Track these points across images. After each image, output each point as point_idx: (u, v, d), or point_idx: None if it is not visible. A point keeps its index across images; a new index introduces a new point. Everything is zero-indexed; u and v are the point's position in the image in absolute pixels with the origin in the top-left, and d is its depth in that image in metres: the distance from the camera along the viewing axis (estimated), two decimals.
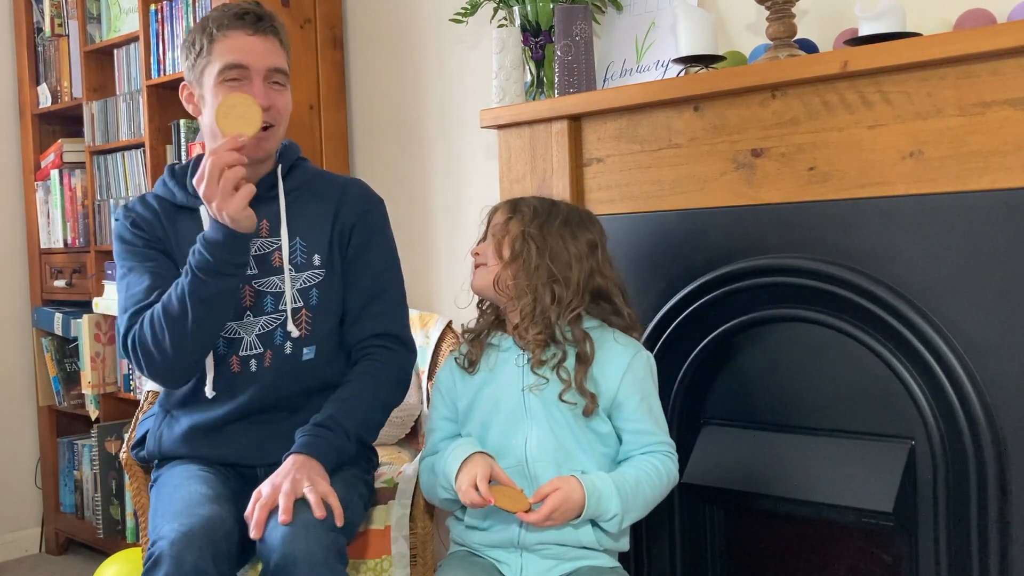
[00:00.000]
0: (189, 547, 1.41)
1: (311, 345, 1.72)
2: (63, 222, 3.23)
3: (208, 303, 1.57)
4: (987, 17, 1.59)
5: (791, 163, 1.67)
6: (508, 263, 1.60)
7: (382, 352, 1.73)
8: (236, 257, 1.56)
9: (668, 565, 1.88)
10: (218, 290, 1.56)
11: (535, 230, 1.60)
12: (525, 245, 1.59)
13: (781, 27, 1.71)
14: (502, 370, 1.61)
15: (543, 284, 1.57)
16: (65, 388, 3.30)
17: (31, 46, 3.34)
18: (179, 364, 1.62)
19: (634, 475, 1.53)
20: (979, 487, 1.50)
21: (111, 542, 3.06)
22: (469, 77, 2.53)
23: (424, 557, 1.85)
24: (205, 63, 1.66)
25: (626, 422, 1.58)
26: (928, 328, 1.52)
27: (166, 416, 1.76)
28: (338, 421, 1.62)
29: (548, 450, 1.55)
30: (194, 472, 1.64)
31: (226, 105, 1.57)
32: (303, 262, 1.72)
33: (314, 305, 1.72)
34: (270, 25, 1.68)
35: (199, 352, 1.63)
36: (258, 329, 1.70)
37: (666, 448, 1.59)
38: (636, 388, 1.57)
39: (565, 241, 1.60)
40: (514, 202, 1.67)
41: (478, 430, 1.61)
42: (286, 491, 1.48)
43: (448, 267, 2.61)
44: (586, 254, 1.61)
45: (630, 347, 1.60)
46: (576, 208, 1.68)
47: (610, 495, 1.49)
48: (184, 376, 1.68)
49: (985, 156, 1.47)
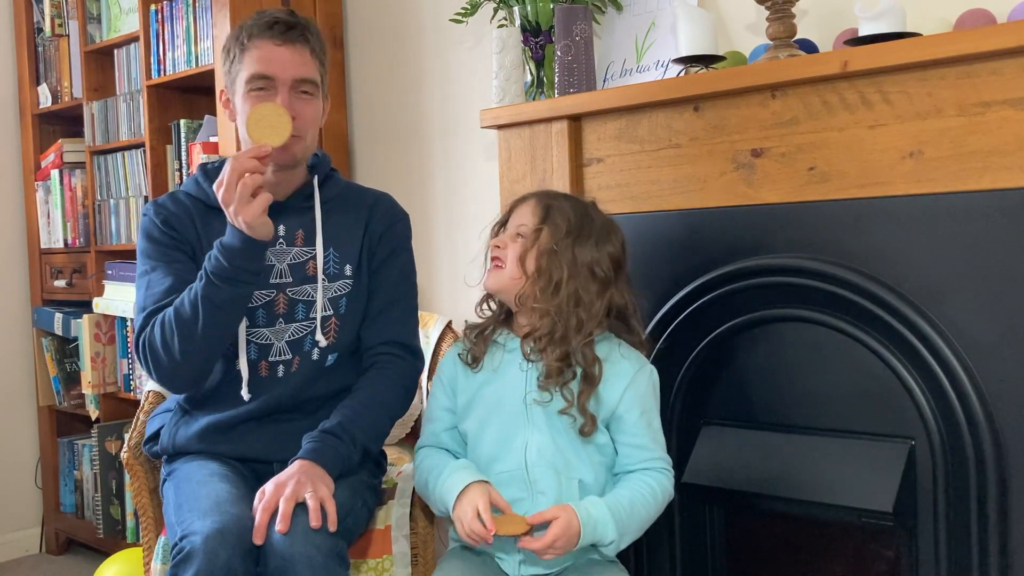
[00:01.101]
0: (223, 544, 1.42)
1: (335, 352, 1.75)
2: (63, 222, 3.23)
3: (220, 309, 1.57)
4: (987, 17, 1.59)
5: (791, 163, 1.67)
6: (534, 279, 1.56)
7: (392, 361, 1.76)
8: (251, 264, 1.57)
9: (668, 565, 1.88)
10: (231, 296, 1.57)
11: (567, 249, 1.55)
12: (555, 265, 1.54)
13: (781, 27, 1.71)
14: (506, 371, 1.60)
15: (569, 309, 1.54)
16: (65, 388, 3.30)
17: (31, 46, 3.34)
18: (185, 369, 1.63)
19: (628, 497, 1.52)
20: (979, 487, 1.50)
21: (111, 542, 3.06)
22: (469, 77, 2.53)
23: (425, 556, 1.86)
24: (237, 71, 1.68)
25: (624, 435, 1.57)
26: (928, 328, 1.52)
27: (183, 415, 1.78)
28: (346, 429, 1.64)
29: (548, 457, 1.54)
30: (214, 469, 1.65)
31: (257, 113, 1.58)
32: (336, 272, 1.75)
33: (343, 314, 1.75)
34: (300, 34, 1.67)
35: (205, 359, 1.64)
36: (288, 336, 1.72)
37: (662, 464, 1.58)
38: (637, 403, 1.57)
39: (595, 265, 1.56)
40: (546, 204, 1.60)
41: (475, 427, 1.61)
42: (287, 495, 1.50)
43: (448, 267, 2.61)
44: (612, 277, 1.58)
45: (635, 362, 1.59)
46: (604, 219, 1.63)
47: (606, 522, 1.48)
48: (188, 383, 1.69)
49: (985, 156, 1.47)
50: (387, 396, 1.73)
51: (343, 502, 1.57)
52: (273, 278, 1.72)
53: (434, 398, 1.69)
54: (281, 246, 1.73)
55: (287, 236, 1.74)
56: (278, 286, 1.72)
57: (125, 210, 2.98)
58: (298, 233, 1.74)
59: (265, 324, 1.71)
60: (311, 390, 1.74)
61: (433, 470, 1.60)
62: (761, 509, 1.80)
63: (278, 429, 1.71)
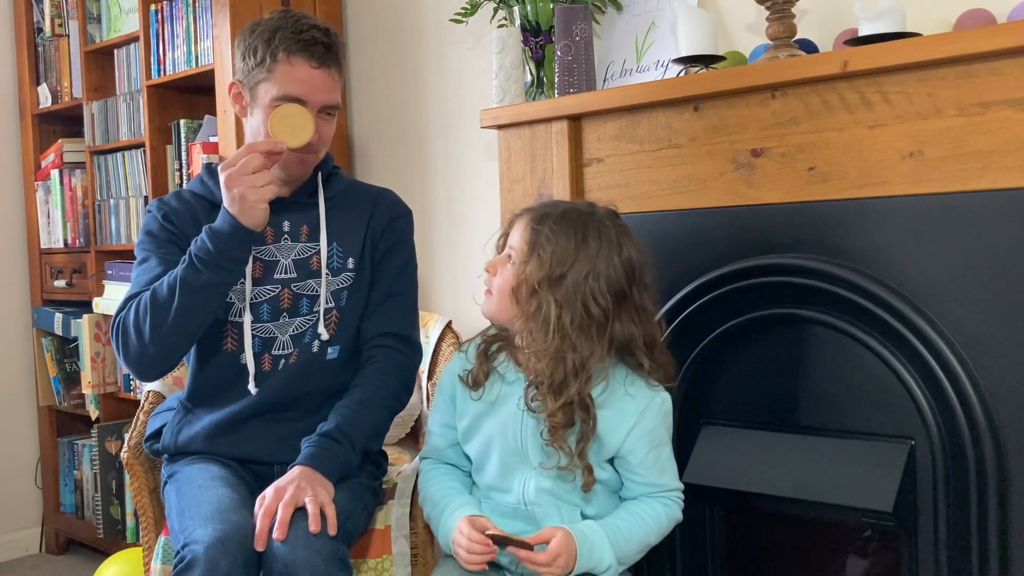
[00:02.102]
0: (224, 554, 1.43)
1: (336, 345, 1.76)
2: (63, 222, 3.23)
3: (196, 293, 1.56)
4: (987, 17, 1.59)
5: (791, 163, 1.67)
6: (528, 316, 1.45)
7: (390, 354, 1.76)
8: (236, 251, 1.57)
9: (668, 565, 1.88)
10: (209, 282, 1.56)
11: (556, 285, 1.43)
12: (544, 301, 1.43)
13: (781, 27, 1.71)
14: (503, 406, 1.55)
15: (565, 351, 1.43)
16: (65, 388, 3.30)
17: (31, 46, 3.34)
18: (152, 352, 1.61)
19: (628, 521, 1.49)
20: (979, 487, 1.50)
21: (111, 542, 3.06)
22: (469, 77, 2.53)
23: (424, 556, 1.86)
24: (263, 78, 1.65)
25: (630, 472, 1.53)
26: (928, 328, 1.52)
27: (186, 413, 1.78)
28: (345, 432, 1.64)
29: (547, 495, 1.51)
30: (216, 473, 1.65)
31: (284, 112, 1.60)
32: (338, 266, 1.76)
33: (344, 307, 1.76)
34: (335, 58, 1.68)
35: (173, 344, 1.62)
36: (292, 330, 1.73)
37: (671, 495, 1.55)
38: (644, 441, 1.50)
39: (594, 295, 1.43)
40: (535, 230, 1.47)
41: (477, 454, 1.59)
42: (286, 501, 1.50)
43: (448, 267, 2.61)
44: (613, 308, 1.45)
45: (641, 398, 1.50)
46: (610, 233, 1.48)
47: (602, 545, 1.45)
48: (154, 367, 1.67)
49: (985, 156, 1.47)
50: (385, 392, 1.73)
51: (343, 505, 1.57)
52: (278, 274, 1.73)
53: (436, 411, 1.66)
54: (286, 241, 1.74)
55: (292, 232, 1.75)
56: (283, 281, 1.73)
57: (125, 210, 2.98)
58: (302, 228, 1.76)
59: (270, 319, 1.72)
60: (311, 383, 1.74)
61: (437, 505, 1.57)
62: (761, 509, 1.80)
63: (280, 429, 1.71)
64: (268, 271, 1.72)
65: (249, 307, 1.71)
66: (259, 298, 1.71)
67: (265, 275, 1.72)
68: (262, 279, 1.72)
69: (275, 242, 1.74)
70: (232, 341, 1.72)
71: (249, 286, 1.71)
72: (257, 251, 1.71)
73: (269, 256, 1.73)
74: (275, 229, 1.74)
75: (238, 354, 1.72)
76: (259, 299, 1.71)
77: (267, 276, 1.72)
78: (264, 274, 1.72)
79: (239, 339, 1.71)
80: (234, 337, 1.72)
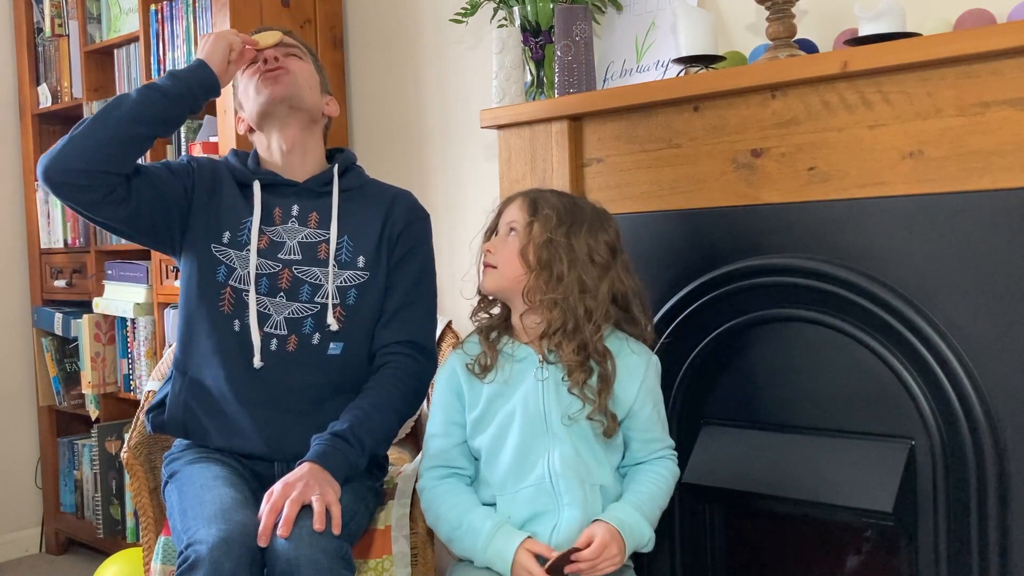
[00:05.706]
0: (228, 554, 1.42)
1: (340, 342, 1.75)
2: (63, 222, 3.23)
3: (141, 92, 1.64)
4: (987, 17, 1.59)
5: (791, 163, 1.67)
6: (537, 272, 1.55)
7: (405, 361, 1.75)
8: (195, 75, 1.67)
9: (668, 565, 1.88)
10: (162, 86, 1.65)
11: (562, 238, 1.54)
12: (554, 254, 1.54)
13: (781, 27, 1.71)
14: (519, 383, 1.57)
15: (575, 297, 1.53)
16: (65, 388, 3.30)
17: (31, 46, 3.34)
18: (78, 141, 1.60)
19: (648, 492, 1.56)
20: (979, 487, 1.50)
21: (111, 542, 3.06)
22: (469, 77, 2.53)
23: (425, 556, 1.85)
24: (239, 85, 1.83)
25: (638, 431, 1.59)
26: (928, 328, 1.52)
27: (184, 378, 1.77)
28: (356, 434, 1.63)
29: (572, 466, 1.53)
30: (217, 472, 1.65)
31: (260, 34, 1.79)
32: (347, 260, 1.76)
33: (350, 305, 1.75)
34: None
35: (103, 141, 1.61)
36: (287, 313, 1.73)
37: (670, 451, 1.63)
38: (650, 398, 1.60)
39: (592, 250, 1.55)
40: (532, 200, 1.60)
41: (489, 444, 1.58)
42: (293, 498, 1.50)
43: (448, 267, 2.61)
44: (610, 261, 1.58)
45: (643, 355, 1.61)
46: (595, 208, 1.63)
47: (639, 522, 1.51)
48: (69, 158, 1.60)
49: (985, 156, 1.47)
50: (398, 398, 1.72)
51: (347, 505, 1.57)
52: (282, 254, 1.74)
53: (438, 411, 1.65)
54: (293, 224, 1.76)
55: (300, 216, 1.77)
56: (285, 262, 1.74)
57: None
58: (312, 215, 1.77)
59: (266, 293, 1.73)
60: (310, 376, 1.73)
61: (460, 527, 1.54)
62: (761, 509, 1.80)
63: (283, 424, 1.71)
64: (273, 249, 1.75)
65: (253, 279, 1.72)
66: (259, 270, 1.73)
67: (269, 251, 1.75)
68: (266, 252, 1.74)
69: (283, 223, 1.77)
70: (228, 304, 1.73)
71: (254, 257, 1.72)
72: (266, 229, 1.75)
73: (276, 236, 1.76)
74: (283, 211, 1.77)
75: (231, 319, 1.72)
76: (260, 271, 1.73)
77: (271, 253, 1.74)
78: (269, 249, 1.75)
79: (236, 304, 1.72)
80: (231, 302, 1.73)
